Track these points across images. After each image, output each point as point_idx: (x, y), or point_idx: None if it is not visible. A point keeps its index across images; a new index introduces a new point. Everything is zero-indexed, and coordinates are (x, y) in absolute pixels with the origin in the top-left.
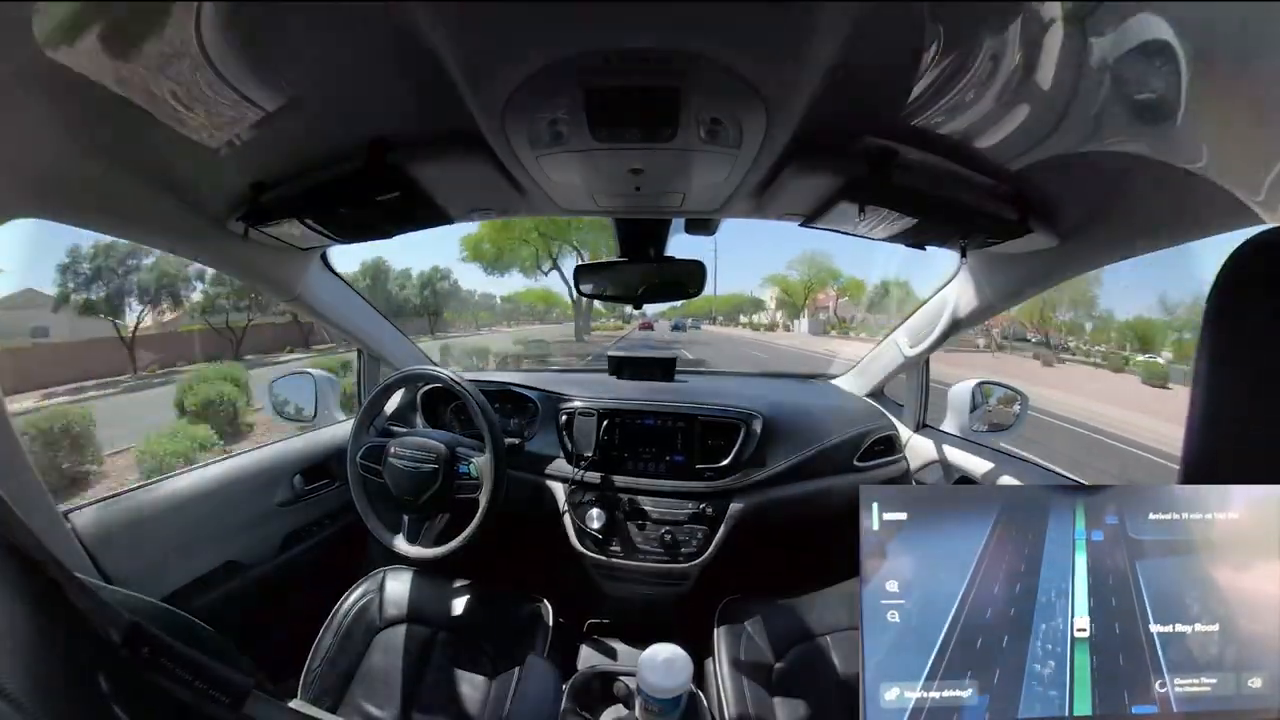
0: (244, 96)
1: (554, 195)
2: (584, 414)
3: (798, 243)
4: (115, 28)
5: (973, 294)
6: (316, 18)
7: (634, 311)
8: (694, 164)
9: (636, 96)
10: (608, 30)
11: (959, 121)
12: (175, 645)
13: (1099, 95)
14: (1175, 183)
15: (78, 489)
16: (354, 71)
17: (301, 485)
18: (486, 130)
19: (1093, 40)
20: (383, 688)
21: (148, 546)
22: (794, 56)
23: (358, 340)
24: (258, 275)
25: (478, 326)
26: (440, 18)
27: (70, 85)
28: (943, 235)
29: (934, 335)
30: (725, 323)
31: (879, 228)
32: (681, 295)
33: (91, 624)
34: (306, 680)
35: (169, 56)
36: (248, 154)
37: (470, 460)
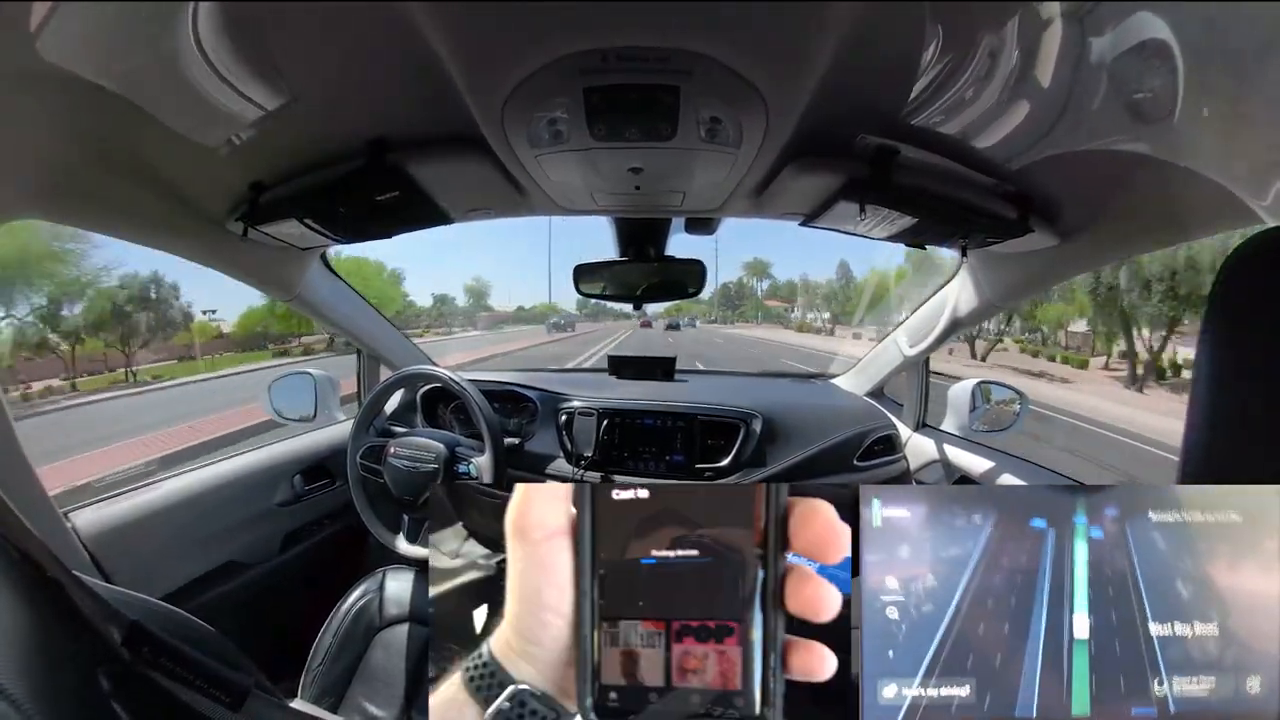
0: (243, 96)
1: (553, 195)
2: (584, 414)
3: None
4: (115, 28)
5: (973, 293)
6: (316, 17)
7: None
8: (694, 163)
9: (636, 95)
10: (607, 29)
11: (959, 120)
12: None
13: (1099, 94)
14: (1175, 182)
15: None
16: (354, 71)
17: (301, 485)
18: (486, 130)
19: (1092, 40)
20: (383, 688)
21: (148, 546)
22: (794, 55)
23: (357, 340)
24: (257, 275)
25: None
26: (440, 18)
27: (70, 85)
28: (943, 235)
29: (934, 335)
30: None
31: (879, 227)
32: (681, 295)
33: (91, 624)
34: (307, 680)
35: (169, 57)
36: (247, 154)
37: (470, 460)
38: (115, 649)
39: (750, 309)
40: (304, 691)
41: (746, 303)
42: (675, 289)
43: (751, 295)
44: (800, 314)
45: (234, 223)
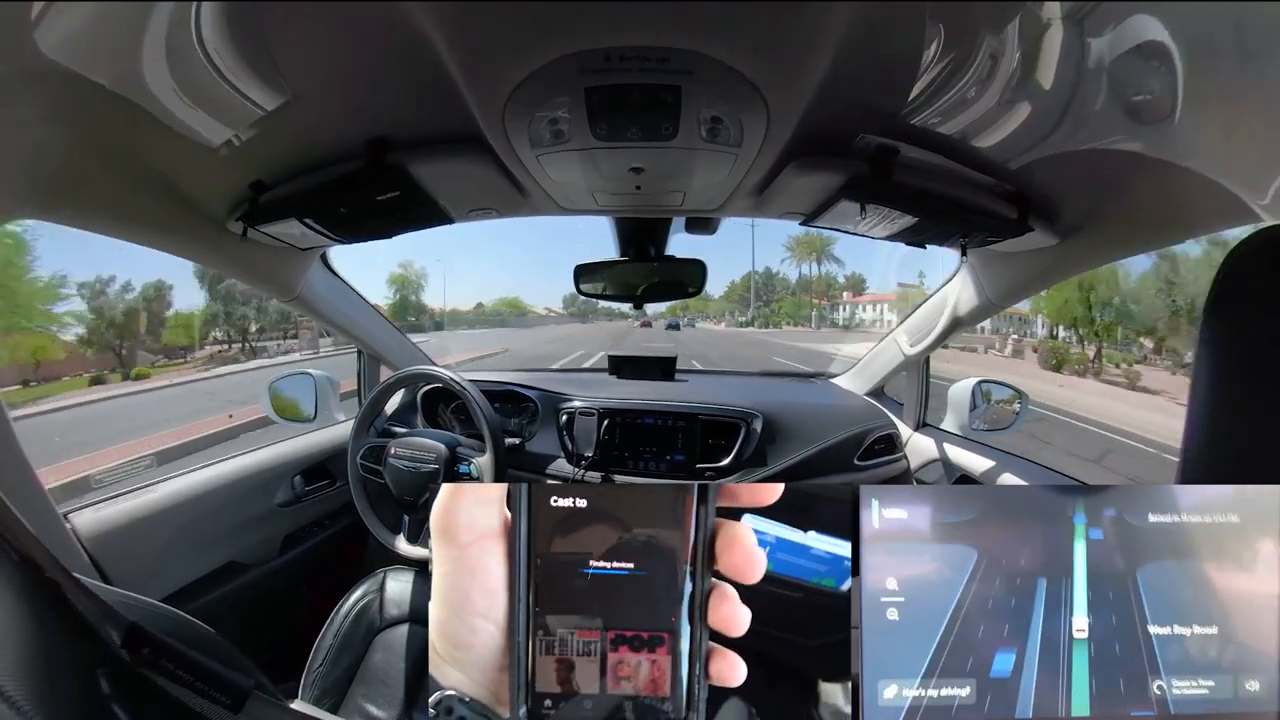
0: (244, 96)
1: (554, 194)
2: (584, 414)
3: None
4: (115, 27)
5: (973, 293)
6: (316, 17)
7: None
8: (694, 163)
9: (637, 95)
10: (609, 29)
11: (959, 120)
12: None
13: (1099, 94)
14: (1175, 182)
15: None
16: (354, 71)
17: (302, 486)
18: (487, 129)
19: (1092, 40)
20: (383, 688)
21: (148, 547)
22: (795, 55)
23: (358, 340)
24: (257, 275)
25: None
26: (441, 17)
27: (70, 85)
28: (943, 234)
29: (934, 334)
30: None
31: (879, 226)
32: (681, 295)
33: (91, 625)
34: (307, 681)
35: (169, 56)
36: (247, 154)
37: (471, 460)
38: (115, 650)
39: (789, 306)
40: (304, 692)
41: (783, 298)
42: (675, 289)
43: (788, 286)
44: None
45: (234, 223)
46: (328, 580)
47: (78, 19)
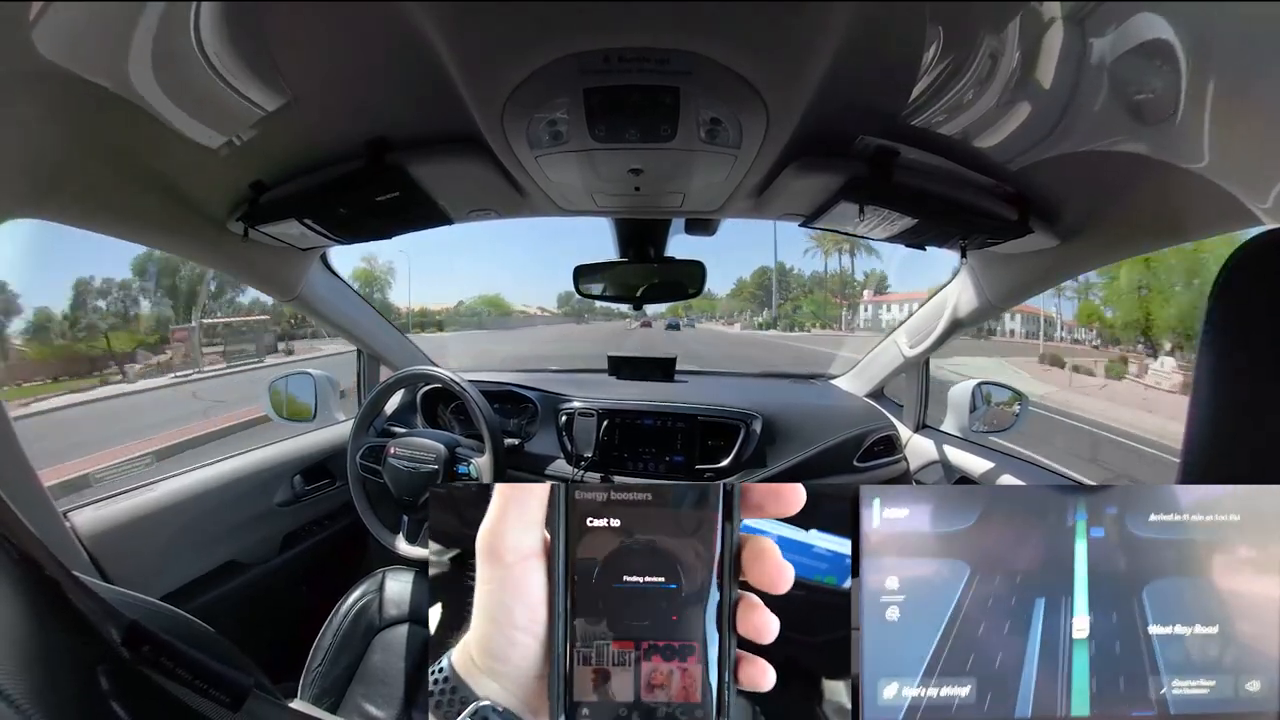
0: (244, 96)
1: (553, 195)
2: (584, 414)
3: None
4: (115, 27)
5: (973, 294)
6: (317, 17)
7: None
8: (694, 164)
9: (636, 96)
10: (608, 30)
11: (959, 121)
12: (175, 645)
13: (1099, 95)
14: (1175, 183)
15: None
16: (354, 72)
17: (301, 485)
18: (486, 130)
19: (1093, 40)
20: (383, 688)
21: (148, 546)
22: (794, 56)
23: (357, 340)
24: (258, 275)
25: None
26: (440, 18)
27: (69, 85)
28: (943, 235)
29: (934, 336)
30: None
31: (879, 228)
32: (681, 296)
33: (91, 624)
34: (306, 680)
35: (169, 57)
36: (247, 154)
37: (470, 460)
38: (114, 649)
39: (814, 305)
40: (304, 692)
41: (798, 297)
42: (675, 290)
43: (802, 283)
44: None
45: (235, 223)
46: (327, 580)
47: (78, 19)
